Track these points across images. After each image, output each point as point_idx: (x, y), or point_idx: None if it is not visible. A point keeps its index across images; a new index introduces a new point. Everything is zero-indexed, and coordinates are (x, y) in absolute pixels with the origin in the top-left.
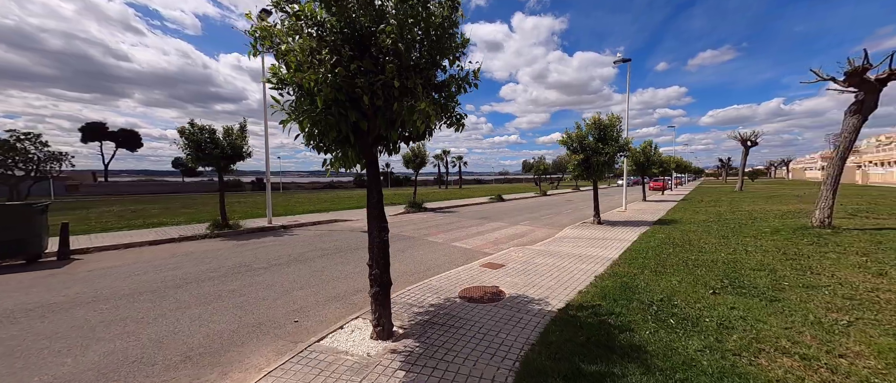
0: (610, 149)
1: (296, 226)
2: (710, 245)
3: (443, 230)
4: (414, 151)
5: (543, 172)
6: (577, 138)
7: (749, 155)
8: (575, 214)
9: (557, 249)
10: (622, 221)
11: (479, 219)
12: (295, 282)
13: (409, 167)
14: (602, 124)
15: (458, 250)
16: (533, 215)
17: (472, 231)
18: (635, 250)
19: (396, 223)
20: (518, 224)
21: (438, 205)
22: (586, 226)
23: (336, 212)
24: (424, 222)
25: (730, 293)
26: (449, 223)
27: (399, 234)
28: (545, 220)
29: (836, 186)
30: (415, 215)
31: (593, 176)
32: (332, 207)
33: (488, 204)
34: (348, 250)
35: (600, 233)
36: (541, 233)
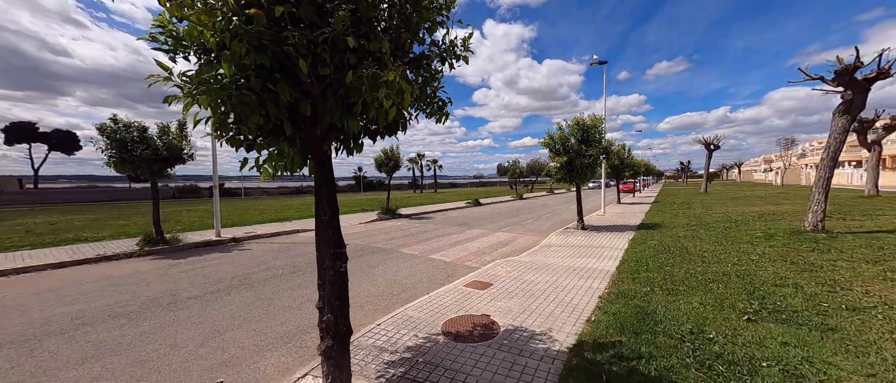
0: (594, 151)
1: (250, 238)
2: (710, 253)
3: (419, 239)
4: (386, 153)
5: (519, 176)
6: (559, 140)
7: (699, 160)
8: (555, 219)
9: (548, 261)
10: (605, 226)
11: (457, 226)
12: (232, 318)
13: (381, 171)
14: (585, 125)
15: (436, 264)
16: (513, 220)
17: (452, 240)
18: (633, 261)
19: (367, 233)
20: (499, 230)
21: (414, 211)
22: (571, 232)
23: (301, 220)
24: (399, 231)
25: (768, 319)
26: (425, 231)
27: (370, 246)
28: (527, 226)
29: (827, 189)
30: (388, 223)
31: (577, 179)
32: (297, 215)
33: (466, 209)
34: (308, 269)
35: (587, 239)
36: (525, 241)
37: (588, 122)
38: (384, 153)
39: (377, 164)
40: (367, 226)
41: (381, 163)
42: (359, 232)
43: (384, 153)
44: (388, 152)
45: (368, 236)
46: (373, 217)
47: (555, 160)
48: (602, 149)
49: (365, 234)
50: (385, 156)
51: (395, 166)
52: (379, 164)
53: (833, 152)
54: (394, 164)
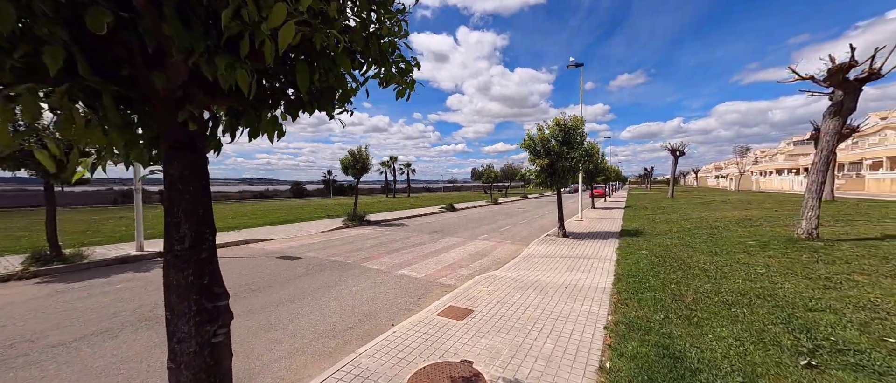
0: (576, 153)
1: None
2: (711, 266)
3: (387, 250)
4: (354, 154)
5: (494, 180)
6: (540, 142)
7: (659, 167)
8: (533, 225)
9: (534, 277)
10: (586, 233)
11: (430, 234)
12: (101, 378)
13: (348, 173)
14: (566, 126)
15: (405, 282)
16: (490, 227)
17: (424, 250)
18: (630, 275)
19: (328, 243)
20: (476, 238)
21: (384, 217)
22: (553, 240)
23: (254, 228)
24: (365, 240)
25: (834, 364)
26: (395, 240)
27: (328, 260)
28: (505, 233)
29: (820, 194)
30: (354, 231)
31: (558, 183)
32: (251, 223)
33: (440, 214)
34: (252, 292)
35: (572, 248)
36: (505, 251)
37: (569, 123)
38: (351, 154)
39: (343, 167)
40: (329, 235)
41: (347, 166)
42: (318, 242)
43: (351, 154)
44: (355, 153)
45: (328, 247)
46: (338, 224)
47: (535, 163)
48: (584, 152)
49: (325, 245)
50: (352, 158)
51: (362, 169)
52: (345, 166)
53: (825, 155)
54: (361, 167)
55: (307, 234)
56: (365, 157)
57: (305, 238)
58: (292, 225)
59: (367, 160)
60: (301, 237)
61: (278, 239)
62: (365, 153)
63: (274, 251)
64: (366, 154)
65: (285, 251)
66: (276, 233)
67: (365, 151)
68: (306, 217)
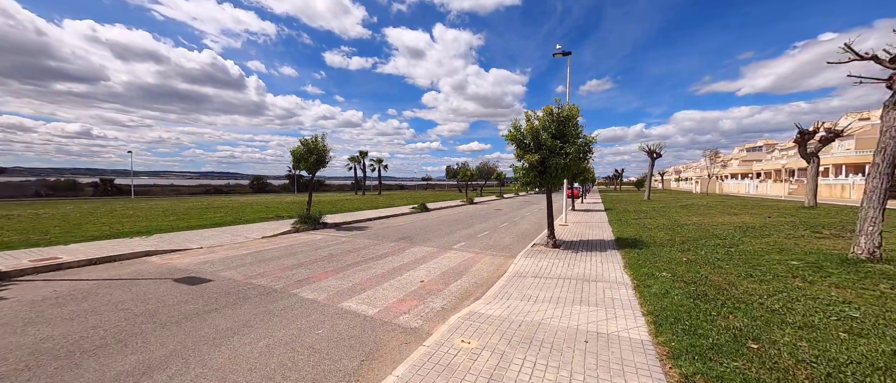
0: (571, 148)
1: (49, 267)
2: (775, 303)
3: (336, 267)
4: (307, 145)
5: (469, 179)
6: (530, 133)
7: (627, 169)
8: (515, 230)
9: (534, 316)
10: (577, 242)
11: (397, 242)
12: None
13: (300, 167)
14: (560, 116)
15: (349, 324)
16: (467, 231)
17: (385, 266)
18: (668, 317)
19: (260, 255)
20: (451, 248)
21: (345, 219)
22: (543, 253)
23: (174, 233)
24: (312, 250)
25: None
26: (351, 251)
27: (248, 284)
28: (484, 240)
29: (884, 203)
30: (304, 236)
31: (549, 183)
32: (176, 225)
33: (411, 215)
34: (75, 355)
35: (570, 265)
36: (487, 266)
37: (564, 112)
38: (304, 144)
39: (295, 159)
40: (267, 243)
41: (299, 158)
42: (248, 254)
43: (304, 144)
44: (309, 143)
45: (259, 262)
46: (285, 228)
47: (523, 158)
48: (580, 147)
49: (256, 259)
50: (305, 149)
51: (318, 162)
52: (297, 159)
53: (891, 156)
54: (317, 159)
55: (240, 242)
56: (321, 149)
57: (235, 247)
58: (228, 228)
59: (323, 152)
60: (230, 246)
61: (198, 248)
62: (322, 144)
63: (179, 269)
64: (322, 145)
65: (195, 268)
66: (198, 241)
67: (322, 142)
68: (251, 218)
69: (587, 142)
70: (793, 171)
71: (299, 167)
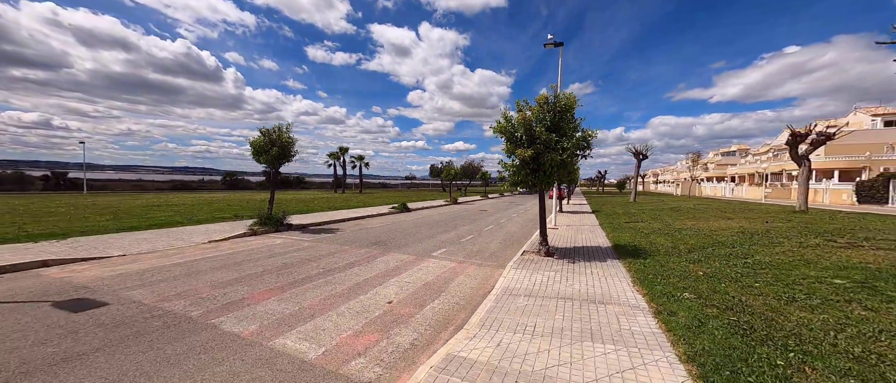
0: (570, 143)
1: None
2: (858, 345)
3: (284, 283)
4: (267, 135)
5: (453, 178)
6: (521, 125)
7: (608, 171)
8: (501, 233)
9: (536, 365)
10: (571, 249)
11: (368, 247)
12: None
13: (261, 160)
14: (556, 106)
15: (278, 377)
16: (449, 235)
17: (346, 281)
18: (714, 364)
19: (193, 268)
20: (430, 255)
21: (314, 220)
22: (536, 264)
23: (107, 235)
24: (262, 260)
25: None
26: (310, 259)
27: (157, 310)
28: (468, 246)
29: None
30: (261, 240)
31: (541, 183)
32: (105, 226)
33: (389, 216)
34: None
35: (568, 281)
36: (471, 281)
37: (560, 102)
38: (264, 134)
39: (254, 151)
40: (211, 249)
41: (259, 150)
42: (179, 264)
43: (264, 134)
44: (271, 134)
45: (187, 276)
46: (240, 231)
47: (514, 153)
48: (579, 142)
49: (184, 271)
50: (266, 140)
51: (281, 155)
52: (257, 151)
53: None
54: (279, 152)
55: (178, 247)
56: (285, 140)
57: (166, 255)
58: (173, 230)
59: (288, 144)
60: (162, 253)
61: (118, 257)
62: (286, 135)
63: (76, 285)
64: (287, 136)
65: (97, 285)
66: (126, 246)
67: (286, 132)
68: (204, 218)
69: (585, 136)
70: (766, 176)
71: (260, 160)
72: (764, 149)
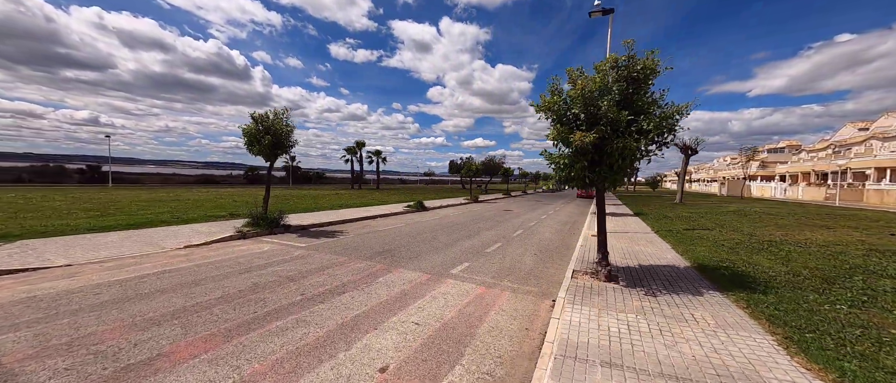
0: (650, 124)
1: None
2: None
3: (235, 323)
4: (260, 121)
5: (474, 174)
6: (580, 99)
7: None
8: (534, 241)
9: None
10: (636, 268)
11: (370, 260)
12: None
13: (253, 151)
14: (632, 72)
15: None
16: (471, 243)
17: (324, 323)
18: None
19: (136, 285)
20: (449, 274)
21: (317, 220)
22: (598, 293)
23: (73, 236)
24: (232, 277)
25: None
26: (292, 278)
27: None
28: (496, 259)
29: None
30: (243, 246)
31: (604, 180)
32: (87, 224)
33: (404, 216)
34: None
35: (672, 337)
36: (507, 326)
37: (638, 66)
38: (257, 121)
39: (248, 141)
40: (180, 258)
41: (252, 140)
42: (127, 280)
43: (257, 121)
44: (265, 119)
45: (118, 304)
46: (229, 231)
47: (568, 140)
48: (662, 123)
49: (122, 294)
50: (259, 128)
51: (276, 145)
52: (250, 141)
53: None
54: (273, 142)
55: (144, 254)
56: (281, 128)
57: (120, 266)
58: (154, 231)
59: (284, 133)
60: (117, 262)
61: (58, 266)
62: (282, 121)
63: None
64: (285, 123)
65: None
66: (83, 251)
67: (283, 119)
68: (195, 217)
69: (671, 114)
70: (824, 174)
71: (253, 151)
72: (821, 145)
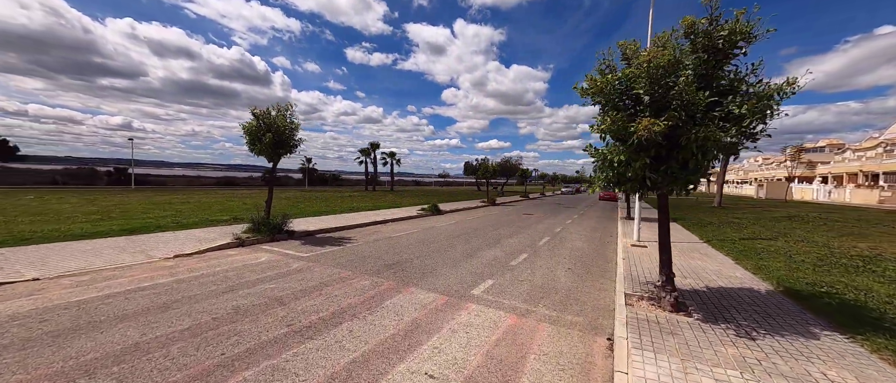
0: (744, 107)
1: None
2: None
3: (190, 373)
4: (261, 118)
5: (491, 175)
6: (646, 77)
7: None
8: (564, 251)
9: None
10: (704, 291)
11: (377, 275)
12: None
13: (254, 150)
14: (715, 40)
15: None
16: (492, 254)
17: (309, 375)
18: None
19: (95, 311)
20: (468, 297)
21: (324, 225)
22: (671, 333)
23: (51, 244)
24: (206, 300)
25: None
26: (277, 301)
27: None
28: (524, 275)
29: None
30: (238, 256)
31: (671, 180)
32: (79, 229)
33: (418, 220)
34: None
35: None
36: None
37: (724, 30)
38: (259, 117)
39: (249, 140)
40: (162, 271)
41: (253, 138)
42: (87, 302)
43: (259, 117)
44: (266, 116)
45: (56, 339)
46: (227, 238)
47: (629, 128)
48: (757, 106)
49: (70, 323)
50: (261, 124)
51: (278, 143)
52: (252, 139)
53: None
54: (274, 139)
55: (119, 268)
56: (283, 125)
57: (94, 281)
58: (147, 237)
59: (287, 130)
60: (92, 276)
61: (26, 281)
62: (284, 117)
63: None
64: (285, 119)
65: None
66: (53, 264)
67: (285, 115)
68: (198, 221)
69: (771, 93)
70: (875, 175)
71: (255, 150)
72: (869, 144)
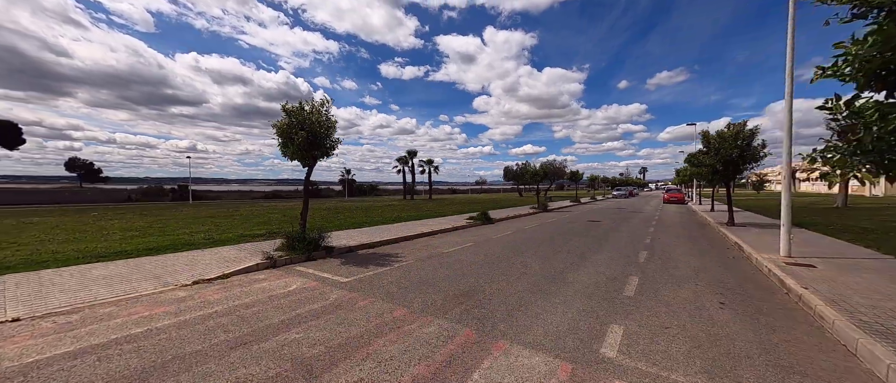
0: None
1: None
2: None
3: None
4: (294, 115)
5: (540, 180)
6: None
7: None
8: (685, 272)
9: None
10: None
11: (441, 320)
12: None
13: (287, 153)
14: None
15: None
16: (589, 279)
17: None
18: None
19: (73, 372)
20: (598, 372)
21: (366, 239)
22: None
23: (74, 266)
24: (230, 354)
25: None
26: (308, 365)
27: None
28: (672, 327)
29: None
30: (262, 282)
31: None
32: (116, 247)
33: (467, 230)
34: None
35: None
36: None
37: None
38: (290, 113)
39: (282, 141)
40: (174, 306)
41: (286, 137)
42: (69, 356)
43: (290, 113)
44: (298, 112)
45: None
46: (258, 258)
47: None
48: None
49: None
50: (292, 122)
51: (314, 145)
52: (284, 140)
53: None
54: (308, 140)
55: (129, 298)
56: (318, 121)
57: (93, 319)
58: (174, 257)
59: (323, 129)
60: (89, 311)
61: (2, 322)
62: (320, 112)
63: None
64: (325, 114)
65: None
66: (56, 295)
67: (322, 110)
68: (230, 237)
69: None
70: None
71: (287, 153)
72: None
